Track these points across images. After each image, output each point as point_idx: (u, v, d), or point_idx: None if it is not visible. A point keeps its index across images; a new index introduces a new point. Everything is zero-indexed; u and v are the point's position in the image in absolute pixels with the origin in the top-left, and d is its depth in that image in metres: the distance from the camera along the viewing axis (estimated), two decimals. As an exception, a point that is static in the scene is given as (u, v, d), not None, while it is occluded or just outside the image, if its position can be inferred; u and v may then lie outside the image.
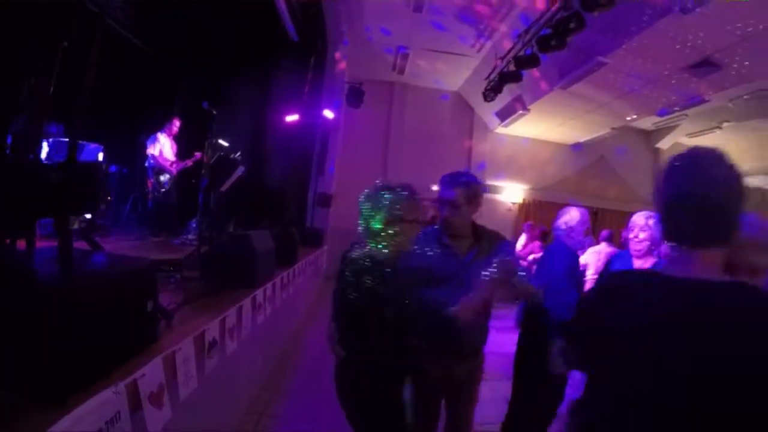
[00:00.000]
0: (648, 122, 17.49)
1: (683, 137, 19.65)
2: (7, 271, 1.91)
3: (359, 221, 3.19)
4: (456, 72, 15.74)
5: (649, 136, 20.29)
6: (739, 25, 8.59)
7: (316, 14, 11.43)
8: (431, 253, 3.56)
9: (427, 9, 11.43)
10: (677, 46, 9.54)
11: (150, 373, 2.15)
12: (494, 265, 3.16)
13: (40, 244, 2.27)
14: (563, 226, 4.77)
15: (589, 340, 1.98)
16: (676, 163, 1.78)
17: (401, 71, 15.88)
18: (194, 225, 7.16)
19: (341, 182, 14.62)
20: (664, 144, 20.13)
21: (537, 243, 13.30)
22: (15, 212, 2.05)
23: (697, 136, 19.22)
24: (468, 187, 3.55)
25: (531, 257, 12.25)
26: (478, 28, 12.40)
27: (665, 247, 5.57)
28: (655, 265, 4.31)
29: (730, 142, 20.28)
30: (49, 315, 1.70)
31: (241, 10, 8.95)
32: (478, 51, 13.69)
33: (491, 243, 3.69)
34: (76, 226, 5.77)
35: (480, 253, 3.57)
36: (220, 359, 3.38)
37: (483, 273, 3.20)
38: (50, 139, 6.82)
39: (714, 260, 1.71)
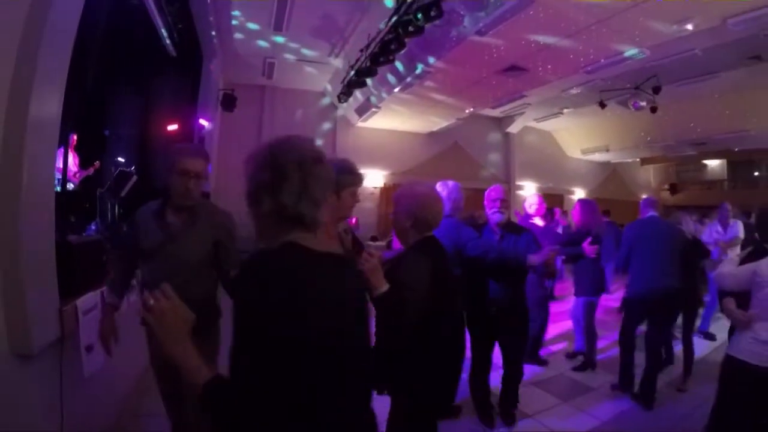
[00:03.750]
0: (497, 111, 19.48)
1: (532, 122, 22.13)
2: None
3: None
4: (319, 75, 17.18)
5: (500, 122, 22.67)
6: (531, 40, 10.77)
7: (191, 32, 12.02)
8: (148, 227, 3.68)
9: (286, 28, 12.91)
10: (486, 57, 11.69)
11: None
12: None
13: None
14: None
15: None
16: None
17: (270, 76, 17.13)
18: (93, 227, 7.92)
19: (219, 181, 15.71)
20: (514, 128, 22.62)
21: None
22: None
23: (544, 120, 21.80)
24: (209, 159, 3.72)
25: None
26: (331, 42, 14.05)
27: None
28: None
29: (572, 124, 22.95)
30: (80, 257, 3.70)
31: (126, 31, 9.68)
32: (335, 58, 15.31)
33: (211, 217, 3.83)
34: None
35: (193, 225, 3.69)
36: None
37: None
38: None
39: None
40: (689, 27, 9.69)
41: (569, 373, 7.67)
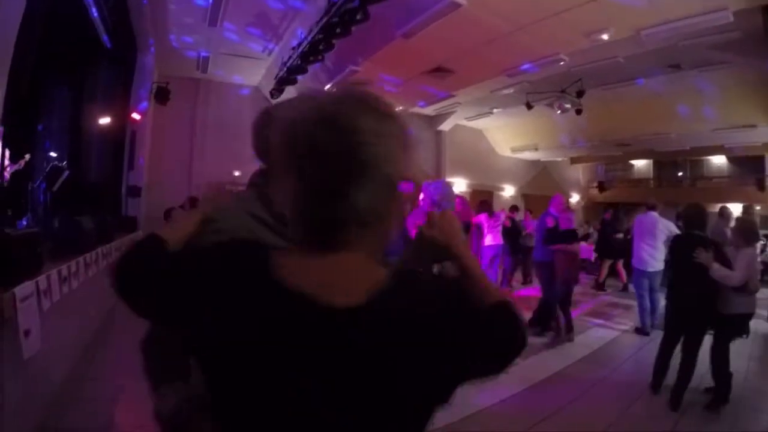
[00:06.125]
0: (430, 109, 20.29)
1: (463, 120, 22.65)
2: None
3: None
4: (253, 70, 17.40)
5: (432, 120, 23.04)
6: (454, 44, 11.30)
7: (126, 24, 12.26)
8: None
9: (221, 23, 13.03)
10: (411, 58, 12.17)
11: (41, 280, 4.36)
12: None
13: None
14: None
15: None
16: None
17: (204, 70, 17.20)
18: (24, 222, 7.91)
19: (152, 173, 15.65)
20: (446, 126, 23.09)
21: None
22: None
23: (474, 119, 22.40)
24: None
25: None
26: (265, 38, 14.32)
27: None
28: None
29: (502, 123, 23.59)
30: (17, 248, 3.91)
31: (61, 23, 9.17)
32: (269, 55, 15.60)
33: None
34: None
35: None
36: (70, 289, 5.42)
37: None
38: None
39: None
40: (605, 37, 10.45)
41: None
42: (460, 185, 24.42)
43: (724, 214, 10.62)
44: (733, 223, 8.33)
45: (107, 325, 8.41)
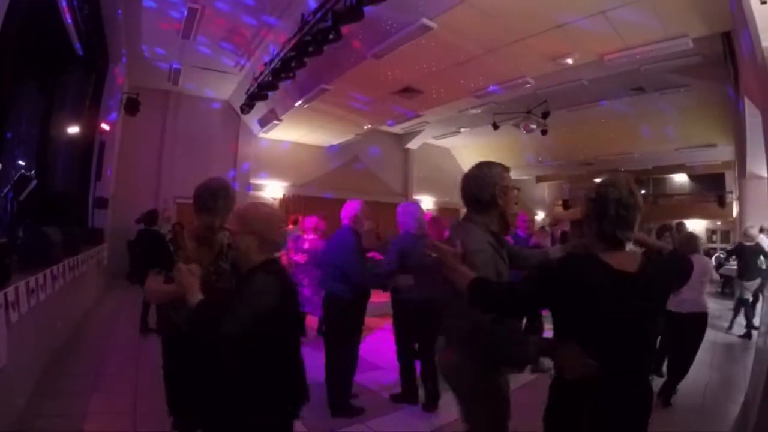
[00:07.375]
0: (398, 128, 20.33)
1: (431, 139, 22.82)
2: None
3: None
4: (224, 85, 17.38)
5: (400, 139, 23.38)
6: (424, 65, 11.46)
7: (99, 33, 12.02)
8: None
9: (194, 36, 13.09)
10: (381, 78, 12.30)
11: (9, 292, 4.38)
12: None
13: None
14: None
15: None
16: None
17: (175, 82, 17.02)
18: None
19: (120, 185, 15.41)
20: (414, 145, 23.37)
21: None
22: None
23: (442, 138, 22.53)
24: None
25: None
26: (237, 53, 14.40)
27: None
28: None
29: (469, 143, 23.72)
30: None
31: (33, 27, 8.69)
32: (240, 70, 15.67)
33: None
34: None
35: None
36: (38, 301, 5.44)
37: None
38: None
39: None
40: (569, 61, 10.73)
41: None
42: (427, 203, 24.75)
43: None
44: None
45: (74, 338, 8.39)
